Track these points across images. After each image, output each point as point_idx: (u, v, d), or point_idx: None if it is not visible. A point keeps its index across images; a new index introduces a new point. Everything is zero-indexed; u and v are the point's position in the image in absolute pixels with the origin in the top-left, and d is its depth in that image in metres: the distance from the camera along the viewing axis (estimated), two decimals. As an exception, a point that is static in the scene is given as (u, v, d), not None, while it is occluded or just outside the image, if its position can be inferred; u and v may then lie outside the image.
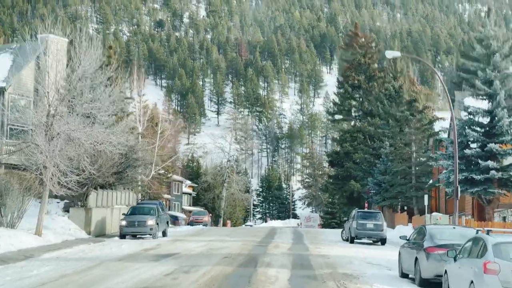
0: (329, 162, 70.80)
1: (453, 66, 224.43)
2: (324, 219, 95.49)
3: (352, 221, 34.55)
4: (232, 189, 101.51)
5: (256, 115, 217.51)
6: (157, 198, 56.43)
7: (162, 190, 57.74)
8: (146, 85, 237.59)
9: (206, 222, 62.07)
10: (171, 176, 59.64)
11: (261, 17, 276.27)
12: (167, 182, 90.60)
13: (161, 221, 35.58)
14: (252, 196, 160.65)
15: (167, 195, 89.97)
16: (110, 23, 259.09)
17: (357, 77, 69.51)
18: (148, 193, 53.73)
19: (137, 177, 47.00)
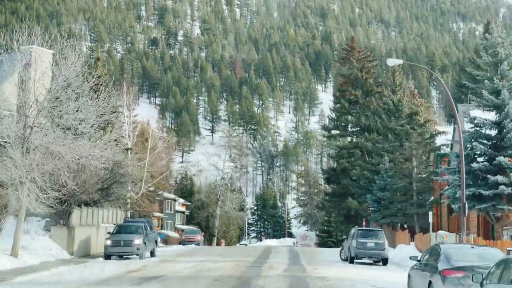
0: (325, 179, 68.91)
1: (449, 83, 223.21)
2: (320, 238, 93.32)
3: (352, 239, 32.52)
4: (226, 208, 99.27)
5: (251, 133, 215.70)
6: (147, 216, 54.29)
7: (153, 208, 55.52)
8: (140, 103, 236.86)
9: (199, 241, 59.86)
10: (162, 193, 57.36)
11: (256, 35, 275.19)
12: (159, 200, 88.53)
13: (149, 240, 33.48)
14: (246, 214, 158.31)
15: (159, 213, 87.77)
16: (104, 41, 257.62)
17: (353, 92, 67.73)
18: (138, 211, 51.57)
19: (125, 194, 44.93)
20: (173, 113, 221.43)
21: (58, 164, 26.17)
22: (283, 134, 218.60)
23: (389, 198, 43.00)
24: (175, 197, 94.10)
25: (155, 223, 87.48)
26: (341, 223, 70.83)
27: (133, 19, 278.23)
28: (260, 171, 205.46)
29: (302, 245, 72.13)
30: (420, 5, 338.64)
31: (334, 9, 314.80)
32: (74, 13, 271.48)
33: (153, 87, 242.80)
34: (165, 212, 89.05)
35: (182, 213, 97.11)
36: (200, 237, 60.92)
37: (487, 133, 30.46)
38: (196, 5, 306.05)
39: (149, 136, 51.96)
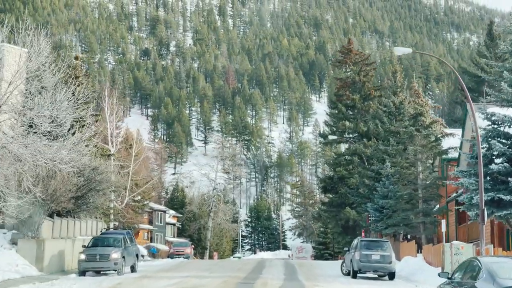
0: (322, 188, 65.48)
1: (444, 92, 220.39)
2: (317, 250, 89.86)
3: (355, 252, 29.13)
4: (218, 219, 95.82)
5: (244, 144, 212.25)
6: (132, 228, 50.78)
7: (139, 219, 51.84)
8: (131, 114, 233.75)
9: (188, 254, 56.29)
10: (148, 203, 53.71)
11: (249, 45, 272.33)
12: (149, 211, 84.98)
13: (128, 254, 30.00)
14: (240, 226, 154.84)
15: (148, 226, 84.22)
16: (95, 52, 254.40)
17: (351, 96, 64.47)
18: (122, 222, 48.07)
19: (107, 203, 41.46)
20: (165, 124, 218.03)
21: (19, 167, 22.72)
22: (277, 144, 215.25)
23: (392, 206, 39.53)
24: (166, 209, 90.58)
25: (144, 236, 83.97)
26: (339, 234, 67.38)
27: (124, 29, 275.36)
28: (254, 182, 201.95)
29: (298, 258, 68.66)
30: (414, 16, 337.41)
31: (328, 19, 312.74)
32: (65, 24, 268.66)
33: (144, 98, 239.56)
34: (154, 224, 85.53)
35: (173, 225, 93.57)
36: (190, 250, 57.35)
37: (506, 131, 27.12)
38: (188, 15, 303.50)
39: (133, 142, 48.42)
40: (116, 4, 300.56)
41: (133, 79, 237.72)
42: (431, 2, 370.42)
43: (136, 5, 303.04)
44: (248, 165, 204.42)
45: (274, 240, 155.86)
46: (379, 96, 64.97)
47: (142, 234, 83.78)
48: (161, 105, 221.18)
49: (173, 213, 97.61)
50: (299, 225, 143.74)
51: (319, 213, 65.91)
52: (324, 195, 66.88)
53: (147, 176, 52.06)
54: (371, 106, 63.93)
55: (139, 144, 49.18)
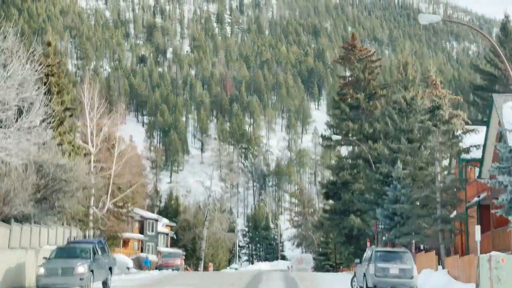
0: (324, 194, 60.70)
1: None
2: (317, 261, 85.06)
3: (369, 264, 24.38)
4: (213, 228, 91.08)
5: (242, 152, 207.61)
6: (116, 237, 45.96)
7: (121, 227, 46.86)
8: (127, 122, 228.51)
9: (178, 265, 51.44)
10: (132, 209, 48.66)
11: (247, 52, 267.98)
12: (140, 220, 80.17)
13: (99, 267, 25.20)
14: (237, 236, 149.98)
15: (138, 235, 79.40)
16: (91, 58, 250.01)
17: (355, 95, 59.82)
18: (103, 231, 43.24)
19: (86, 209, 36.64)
20: (161, 131, 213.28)
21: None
22: (275, 153, 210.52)
23: (407, 211, 34.63)
24: (158, 217, 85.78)
25: (134, 246, 79.15)
26: (342, 244, 62.60)
27: (121, 36, 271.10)
28: (251, 191, 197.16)
29: (298, 270, 63.84)
30: (413, 24, 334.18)
31: (327, 28, 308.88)
32: (60, 30, 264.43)
33: (140, 105, 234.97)
34: (146, 234, 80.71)
35: (166, 234, 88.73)
36: (180, 261, 52.41)
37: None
38: (186, 23, 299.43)
39: (115, 141, 43.53)
40: (112, 11, 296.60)
41: (129, 86, 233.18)
42: (430, 11, 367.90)
43: (133, 12, 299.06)
44: (245, 174, 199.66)
45: (272, 250, 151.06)
46: (385, 95, 60.38)
47: (132, 244, 79.00)
48: (157, 112, 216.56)
49: (166, 222, 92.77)
50: (298, 235, 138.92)
51: (320, 221, 61.09)
52: (326, 201, 62.08)
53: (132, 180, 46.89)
54: (377, 106, 59.29)
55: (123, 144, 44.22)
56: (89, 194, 35.93)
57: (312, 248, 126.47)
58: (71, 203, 28.88)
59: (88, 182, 32.38)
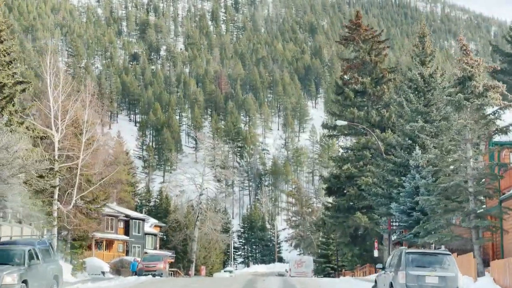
0: (326, 190, 54.47)
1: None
2: (317, 264, 78.99)
3: (397, 271, 18.20)
4: (205, 229, 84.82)
5: (237, 151, 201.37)
6: (84, 238, 39.63)
7: (92, 226, 40.07)
8: (119, 120, 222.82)
9: (161, 270, 45.08)
10: (104, 204, 42.06)
11: (242, 50, 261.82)
12: (125, 220, 74.01)
13: (36, 276, 19.03)
14: (232, 237, 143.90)
15: (123, 236, 73.16)
16: (82, 56, 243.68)
17: (360, 79, 53.65)
18: (68, 230, 36.91)
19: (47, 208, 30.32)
20: (153, 130, 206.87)
21: None
22: (272, 151, 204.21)
23: (432, 204, 28.19)
24: (145, 217, 79.61)
25: (119, 248, 72.99)
26: (345, 245, 56.43)
27: (113, 34, 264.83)
28: (247, 191, 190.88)
29: (297, 273, 57.58)
30: (410, 23, 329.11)
31: (324, 25, 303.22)
32: (51, 28, 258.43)
33: (133, 104, 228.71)
34: (131, 235, 74.48)
35: (154, 235, 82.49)
36: (164, 265, 45.93)
37: None
38: (180, 20, 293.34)
39: (83, 125, 36.97)
40: (105, 9, 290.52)
41: (121, 84, 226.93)
42: (428, 10, 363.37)
43: (126, 9, 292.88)
44: (241, 173, 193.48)
45: (268, 252, 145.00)
46: (394, 79, 54.24)
47: (117, 246, 72.76)
48: (150, 111, 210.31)
49: (155, 222, 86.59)
50: (296, 235, 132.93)
51: (322, 219, 54.83)
52: (328, 197, 55.85)
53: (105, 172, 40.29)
54: (384, 91, 53.16)
55: (92, 129, 37.55)
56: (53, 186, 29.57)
57: (311, 249, 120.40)
58: (14, 193, 22.54)
59: (34, 167, 26.00)
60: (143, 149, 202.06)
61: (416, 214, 33.10)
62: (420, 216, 33.19)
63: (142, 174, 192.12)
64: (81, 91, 38.54)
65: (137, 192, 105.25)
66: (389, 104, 52.82)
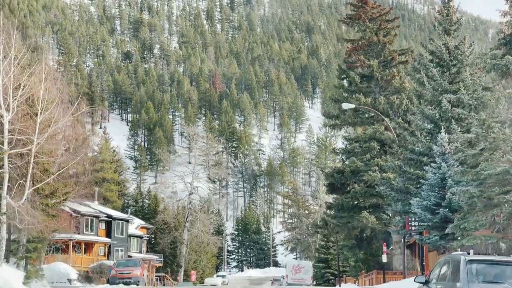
0: (328, 186, 48.29)
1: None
2: (316, 269, 72.77)
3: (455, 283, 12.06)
4: (195, 230, 78.77)
5: (232, 151, 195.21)
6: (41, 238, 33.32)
7: (51, 225, 33.40)
8: (111, 120, 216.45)
9: (138, 277, 38.79)
10: (65, 198, 35.63)
11: (237, 49, 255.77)
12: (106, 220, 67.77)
13: None
14: (226, 241, 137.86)
15: (104, 238, 66.91)
16: (73, 54, 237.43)
17: (367, 62, 47.60)
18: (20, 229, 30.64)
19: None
20: (145, 129, 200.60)
21: None
22: (267, 152, 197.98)
23: (474, 198, 22.03)
24: (129, 217, 73.34)
25: (100, 251, 66.79)
26: (349, 248, 50.33)
27: (106, 32, 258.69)
28: (241, 192, 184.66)
29: (295, 281, 51.49)
30: (408, 25, 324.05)
31: (320, 25, 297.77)
32: (42, 25, 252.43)
33: (125, 103, 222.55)
34: (114, 237, 68.20)
35: (140, 238, 76.18)
36: (141, 271, 39.46)
37: None
38: (174, 19, 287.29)
39: (37, 102, 30.54)
40: (98, 7, 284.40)
41: (112, 83, 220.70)
42: (425, 12, 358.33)
43: (119, 7, 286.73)
44: (235, 174, 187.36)
45: (263, 256, 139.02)
46: (405, 62, 48.25)
47: (98, 249, 66.53)
48: (142, 110, 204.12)
49: (141, 224, 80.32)
50: (292, 238, 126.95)
51: (324, 220, 48.62)
52: (331, 195, 49.66)
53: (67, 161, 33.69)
54: (394, 75, 47.14)
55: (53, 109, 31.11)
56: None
57: (308, 253, 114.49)
58: None
59: None
60: (135, 149, 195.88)
61: (443, 211, 27.03)
62: (447, 214, 27.13)
63: (134, 174, 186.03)
64: (39, 61, 32.34)
65: (124, 192, 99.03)
66: (400, 90, 46.83)
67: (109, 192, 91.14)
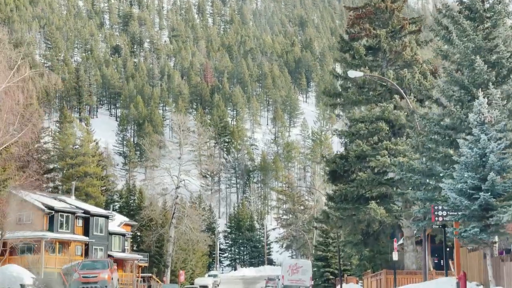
0: (329, 174, 42.07)
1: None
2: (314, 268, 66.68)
3: None
4: (183, 227, 72.83)
5: (224, 146, 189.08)
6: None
7: None
8: (99, 115, 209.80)
9: (106, 281, 32.69)
10: (4, 187, 29.33)
11: (230, 42, 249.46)
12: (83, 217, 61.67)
13: None
14: (218, 238, 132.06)
15: (81, 236, 60.77)
16: (60, 48, 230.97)
17: (373, 32, 41.57)
18: None
19: None
20: (135, 124, 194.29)
21: None
22: (261, 147, 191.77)
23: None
24: (109, 213, 67.30)
25: (77, 250, 60.75)
26: (354, 245, 44.24)
27: (94, 27, 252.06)
28: (234, 188, 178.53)
29: (292, 282, 45.49)
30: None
31: (314, 19, 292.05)
32: (28, 19, 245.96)
33: (113, 98, 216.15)
34: (92, 235, 62.10)
35: (123, 235, 69.98)
36: (109, 274, 33.26)
37: None
38: (164, 14, 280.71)
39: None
40: (86, 1, 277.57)
41: (101, 77, 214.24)
42: (419, 6, 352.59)
43: (108, 2, 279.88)
44: (228, 169, 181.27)
45: (257, 254, 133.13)
46: (417, 31, 42.29)
47: (74, 248, 60.42)
48: (131, 104, 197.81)
49: (125, 221, 74.23)
50: (287, 235, 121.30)
51: (325, 212, 42.51)
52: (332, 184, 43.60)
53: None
54: (404, 46, 41.14)
55: None
56: None
57: (305, 251, 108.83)
58: None
59: None
60: (124, 145, 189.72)
61: (484, 196, 21.07)
62: (488, 199, 21.20)
63: (123, 171, 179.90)
64: None
65: (108, 188, 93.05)
66: (411, 63, 40.87)
67: (91, 187, 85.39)
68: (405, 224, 40.25)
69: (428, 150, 25.68)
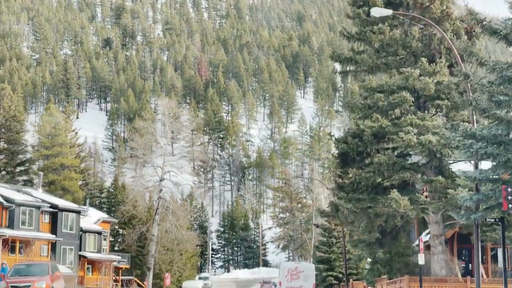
0: (339, 158, 33.72)
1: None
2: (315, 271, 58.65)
3: None
4: (167, 224, 64.76)
5: (218, 142, 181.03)
6: None
7: None
8: (88, 110, 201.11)
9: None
10: None
11: (225, 35, 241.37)
12: (51, 212, 53.48)
13: None
14: (211, 238, 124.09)
15: (47, 234, 52.59)
16: (49, 41, 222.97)
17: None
18: None
19: None
20: (125, 119, 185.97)
21: None
22: (257, 143, 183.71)
23: None
24: (82, 208, 59.18)
25: (42, 250, 52.49)
26: (367, 245, 36.13)
27: (85, 19, 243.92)
28: (228, 186, 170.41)
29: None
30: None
31: (312, 15, 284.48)
32: (17, 11, 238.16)
33: (104, 92, 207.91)
34: (60, 232, 53.93)
35: (99, 234, 61.73)
36: (49, 282, 25.00)
37: None
38: (158, 7, 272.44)
39: None
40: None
41: (91, 70, 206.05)
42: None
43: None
44: (222, 166, 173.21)
45: (252, 255, 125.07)
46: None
47: (39, 248, 52.13)
48: (122, 98, 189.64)
49: (103, 217, 66.03)
50: (284, 235, 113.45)
51: (334, 204, 34.34)
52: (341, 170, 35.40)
53: None
54: (432, 10, 33.16)
55: None
56: None
57: (303, 251, 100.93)
58: None
59: None
60: (113, 140, 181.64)
61: None
62: None
63: (112, 167, 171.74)
64: None
65: (87, 181, 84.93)
66: (441, 20, 32.88)
67: (68, 180, 77.22)
68: (432, 219, 32.29)
69: (493, 114, 17.65)
